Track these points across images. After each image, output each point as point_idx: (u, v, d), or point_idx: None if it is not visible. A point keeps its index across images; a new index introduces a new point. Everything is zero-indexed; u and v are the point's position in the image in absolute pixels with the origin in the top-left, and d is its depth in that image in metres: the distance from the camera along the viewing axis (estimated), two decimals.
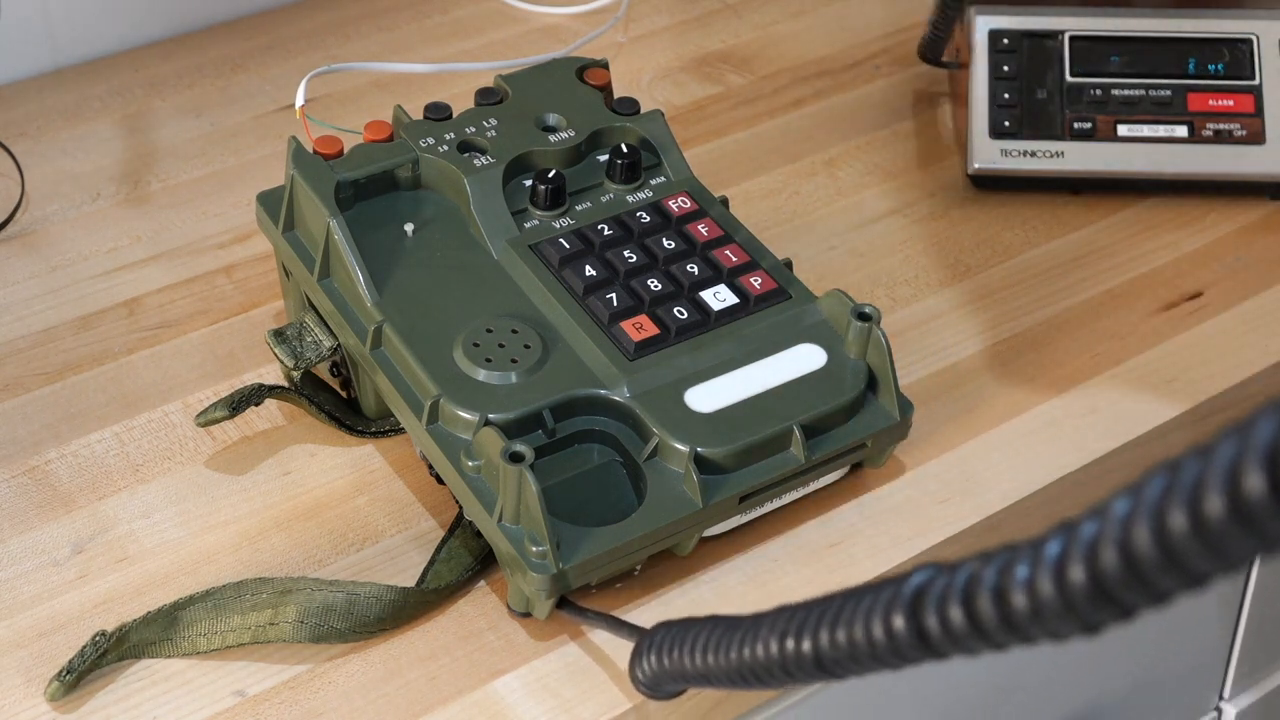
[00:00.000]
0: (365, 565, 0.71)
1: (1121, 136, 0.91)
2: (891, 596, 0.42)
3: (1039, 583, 0.36)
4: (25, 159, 0.95)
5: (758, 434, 0.68)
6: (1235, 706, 1.02)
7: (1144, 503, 0.34)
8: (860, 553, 0.72)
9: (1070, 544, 0.36)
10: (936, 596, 0.40)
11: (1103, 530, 0.35)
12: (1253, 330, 0.84)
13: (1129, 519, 0.34)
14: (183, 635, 0.67)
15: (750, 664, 0.49)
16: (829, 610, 0.45)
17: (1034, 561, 0.37)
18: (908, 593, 0.41)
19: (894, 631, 0.42)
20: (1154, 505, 0.33)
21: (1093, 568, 0.35)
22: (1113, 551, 0.34)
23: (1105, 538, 0.35)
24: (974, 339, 0.83)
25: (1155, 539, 0.33)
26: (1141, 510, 0.34)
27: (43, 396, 0.80)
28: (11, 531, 0.73)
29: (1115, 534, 0.34)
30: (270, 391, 0.76)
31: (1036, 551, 0.37)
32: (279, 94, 1.01)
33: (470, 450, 0.67)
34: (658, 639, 0.57)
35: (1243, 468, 0.31)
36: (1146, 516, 0.33)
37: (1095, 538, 0.35)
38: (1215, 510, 0.32)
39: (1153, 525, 0.33)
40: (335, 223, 0.73)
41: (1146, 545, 0.34)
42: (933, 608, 0.40)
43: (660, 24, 1.08)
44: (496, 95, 0.81)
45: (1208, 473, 0.32)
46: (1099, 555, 0.35)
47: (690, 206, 0.77)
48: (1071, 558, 0.35)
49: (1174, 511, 0.33)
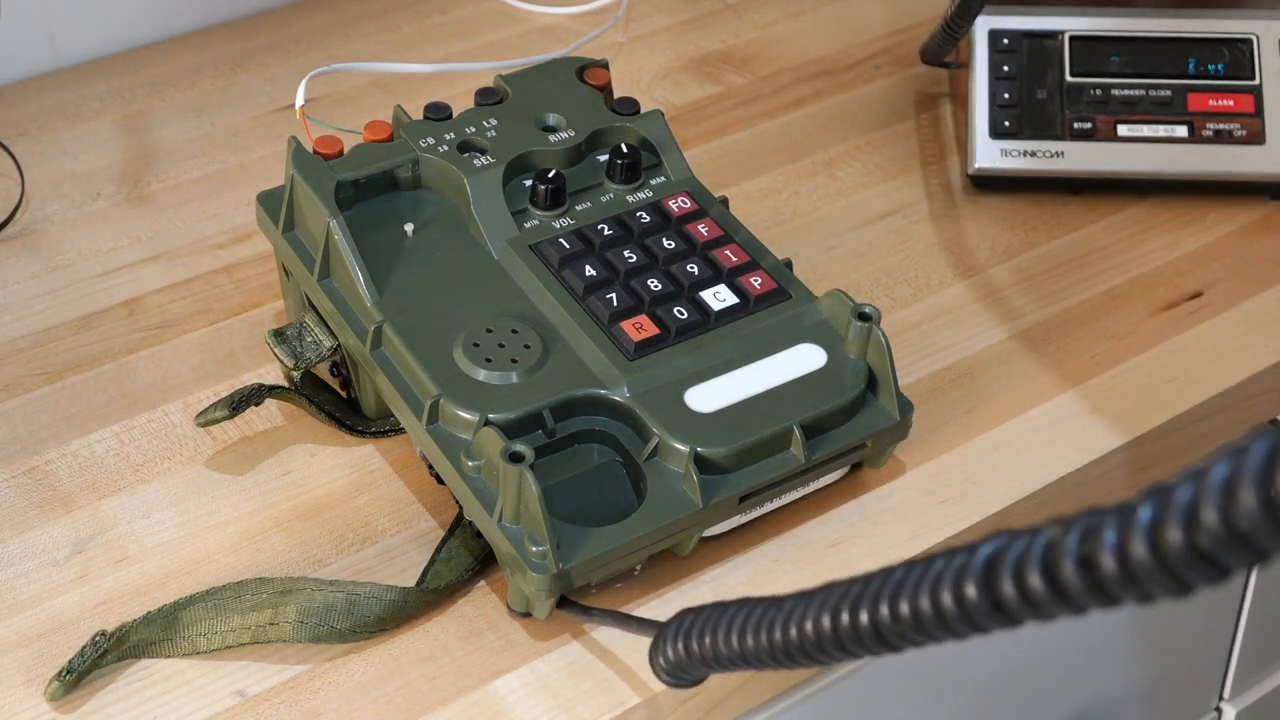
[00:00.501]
0: (365, 565, 0.71)
1: (1121, 136, 0.91)
2: (963, 564, 0.42)
3: (1131, 544, 0.36)
4: (25, 159, 0.95)
5: (758, 434, 0.68)
6: (1235, 706, 1.02)
7: (1250, 462, 0.34)
8: (860, 553, 0.72)
9: (1165, 507, 0.36)
10: (1013, 562, 0.40)
11: (1201, 493, 0.35)
12: (1253, 330, 0.84)
13: (1231, 480, 0.34)
14: (183, 635, 0.67)
15: (798, 641, 0.48)
16: (889, 582, 0.45)
17: (1122, 523, 0.37)
18: (980, 561, 0.41)
19: (965, 599, 0.42)
20: (1263, 463, 0.34)
21: (1192, 531, 0.35)
22: (1214, 514, 0.35)
23: (1205, 500, 0.35)
24: (974, 339, 0.83)
25: (1263, 500, 0.34)
26: (1246, 471, 0.34)
27: (43, 396, 0.80)
28: (11, 531, 0.73)
29: (1216, 496, 0.35)
30: (270, 391, 0.76)
31: (1126, 514, 0.37)
32: (279, 94, 1.01)
33: (470, 450, 0.67)
34: (685, 625, 0.56)
35: None
36: (1254, 476, 0.34)
37: (1193, 500, 0.35)
38: None
39: (1260, 485, 0.34)
40: (335, 223, 0.73)
41: (1253, 507, 0.34)
42: (1008, 574, 0.40)
43: (660, 24, 1.08)
44: (496, 95, 0.81)
45: None
46: (1200, 516, 0.35)
47: (690, 206, 0.77)
48: (1168, 518, 0.36)
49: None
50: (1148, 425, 0.78)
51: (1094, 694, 0.93)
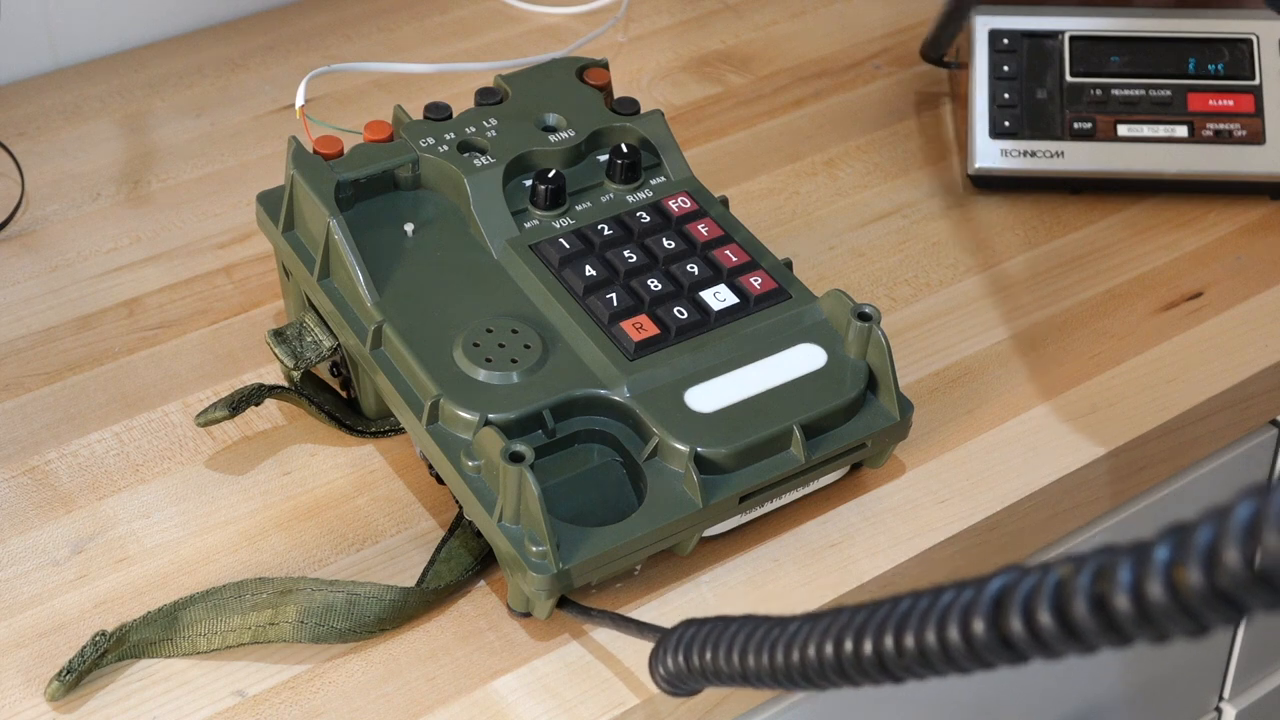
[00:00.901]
0: (365, 565, 0.71)
1: (1121, 136, 0.91)
2: (971, 599, 0.42)
3: (1147, 583, 0.36)
4: (25, 159, 0.95)
5: (758, 434, 0.68)
6: (1235, 706, 1.02)
7: (1273, 509, 0.34)
8: (860, 553, 0.72)
9: (1182, 547, 0.35)
10: (1022, 599, 0.40)
11: (1222, 532, 0.35)
12: (1253, 330, 0.84)
13: (1253, 522, 0.34)
14: (183, 635, 0.67)
15: (800, 666, 0.48)
16: (895, 613, 0.45)
17: (1138, 561, 0.36)
18: (989, 597, 0.41)
19: (972, 635, 0.41)
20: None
21: (1211, 571, 0.35)
22: (1236, 555, 0.34)
23: (1227, 539, 0.35)
24: (974, 339, 0.83)
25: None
26: (1272, 514, 0.34)
27: (43, 396, 0.80)
28: (11, 531, 0.73)
29: (1237, 537, 0.34)
30: (270, 391, 0.76)
31: (1143, 554, 0.37)
32: (279, 94, 1.01)
33: (470, 450, 0.67)
34: (687, 638, 0.56)
35: None
36: (1275, 523, 0.34)
37: (1213, 541, 0.35)
38: None
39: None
40: (335, 223, 0.73)
41: (1277, 549, 0.34)
42: (1017, 611, 0.40)
43: (660, 24, 1.08)
44: (496, 95, 0.81)
45: None
46: (1221, 556, 0.35)
47: (690, 206, 0.77)
48: (1188, 557, 0.35)
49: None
50: (1148, 425, 0.78)
51: (1094, 694, 0.93)
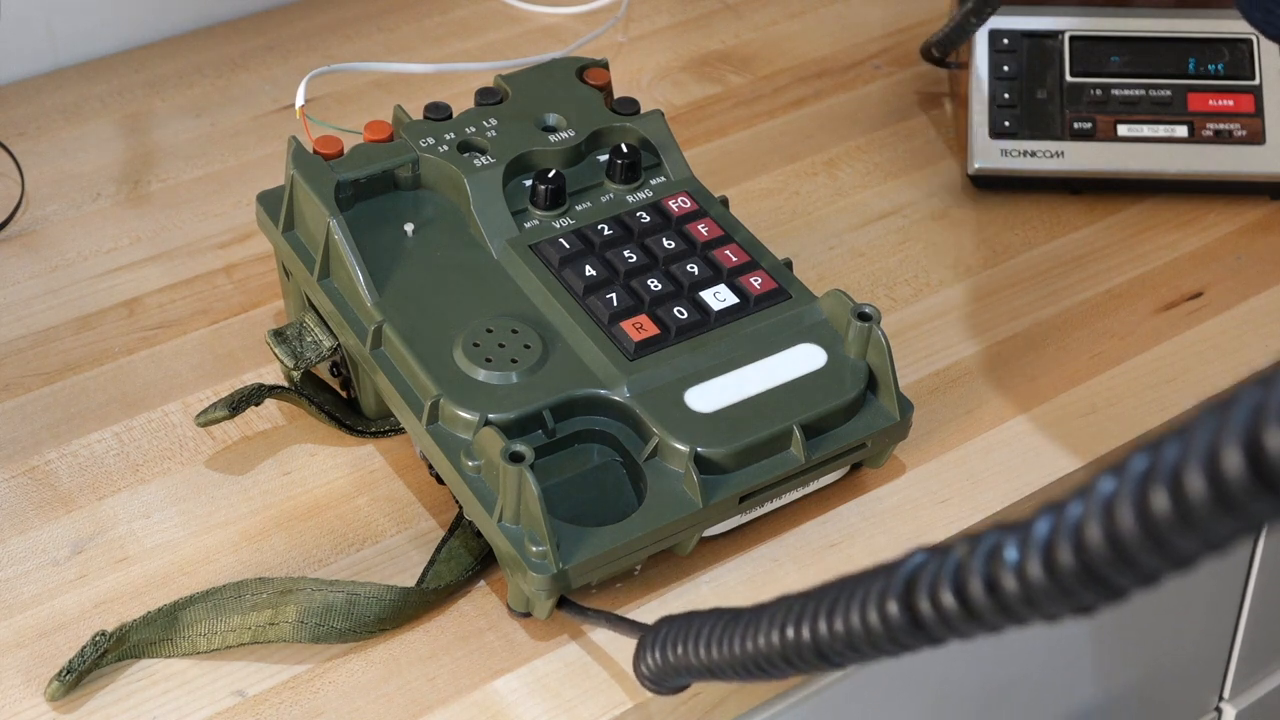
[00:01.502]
0: (365, 565, 0.71)
1: (1121, 136, 0.91)
2: (885, 583, 0.42)
3: (1028, 565, 0.36)
4: (25, 159, 0.95)
5: (758, 434, 0.68)
6: (1235, 706, 1.02)
7: (1127, 481, 0.34)
8: (860, 553, 0.72)
9: (1057, 525, 0.36)
10: (928, 581, 0.40)
11: (1087, 510, 0.35)
12: (1253, 330, 0.84)
13: (1113, 499, 0.34)
14: (183, 635, 0.67)
15: (754, 655, 0.49)
16: (825, 598, 0.45)
17: (1022, 543, 0.37)
18: (900, 580, 0.42)
19: (889, 618, 0.42)
20: (1136, 484, 0.33)
21: (1080, 549, 0.35)
22: (1098, 532, 0.34)
23: (1090, 518, 0.35)
24: (974, 339, 0.83)
25: (1139, 520, 0.33)
26: (1125, 490, 0.34)
27: (43, 396, 0.80)
28: (11, 531, 0.73)
29: (1099, 514, 0.34)
30: (270, 391, 0.76)
31: (1024, 532, 0.37)
32: (279, 94, 1.01)
33: (470, 450, 0.67)
34: (661, 634, 0.57)
35: (1221, 446, 0.31)
36: (1130, 496, 0.33)
37: (1080, 518, 0.35)
38: (1196, 490, 0.32)
39: (1136, 505, 0.33)
40: (335, 223, 0.73)
41: (1130, 526, 0.34)
42: (925, 593, 0.40)
43: (660, 24, 1.08)
44: (496, 95, 0.81)
45: (1188, 452, 0.32)
46: (1085, 536, 0.35)
47: (690, 206, 0.77)
48: (1059, 539, 0.35)
49: (1156, 492, 0.33)
50: (1147, 425, 0.78)
51: (1094, 693, 0.93)
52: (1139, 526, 0.33)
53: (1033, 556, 0.36)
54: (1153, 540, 0.33)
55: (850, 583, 0.44)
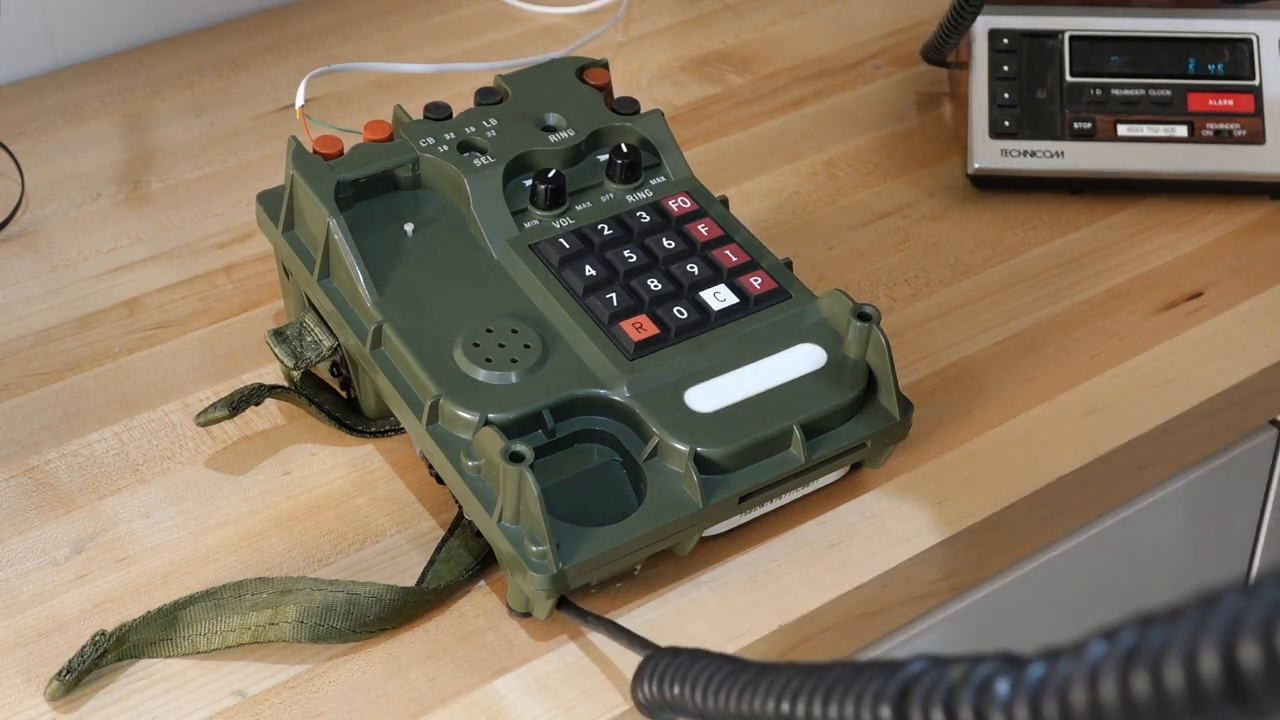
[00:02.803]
0: (365, 565, 0.71)
1: (1121, 136, 0.91)
2: (882, 685, 0.42)
3: (1015, 708, 0.37)
4: (25, 159, 0.95)
5: (758, 434, 0.68)
6: None
7: (1113, 653, 0.34)
8: (860, 553, 0.72)
9: (1049, 676, 0.36)
10: (922, 696, 0.41)
11: (1075, 672, 0.35)
12: (1253, 330, 0.84)
13: (1098, 668, 0.34)
14: (183, 635, 0.67)
15: (748, 716, 0.50)
16: (824, 682, 0.46)
17: (1015, 684, 0.37)
18: (896, 685, 0.42)
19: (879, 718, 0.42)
20: (1121, 660, 0.34)
21: (1063, 707, 0.35)
22: (1081, 696, 0.35)
23: (1076, 680, 0.35)
24: (974, 339, 0.83)
25: (1119, 694, 0.34)
26: (1110, 662, 0.34)
27: (43, 396, 0.80)
28: (11, 531, 0.73)
29: (1085, 679, 0.35)
30: (270, 391, 0.76)
31: (1019, 673, 0.37)
32: (279, 94, 1.01)
33: (470, 450, 0.67)
34: (663, 666, 0.57)
35: (1199, 646, 0.32)
36: (1113, 670, 0.34)
37: (1068, 677, 0.35)
38: (1175, 681, 0.32)
39: (1118, 680, 0.34)
40: (335, 222, 0.73)
41: (1111, 699, 0.34)
42: (918, 707, 0.41)
43: (660, 24, 1.08)
44: (496, 95, 0.81)
45: (1170, 642, 0.33)
46: (1069, 696, 0.35)
47: (690, 206, 0.77)
48: (1046, 692, 0.36)
49: (1138, 673, 0.33)
50: (1148, 425, 0.78)
51: None
52: (1118, 701, 0.34)
53: (1021, 701, 0.37)
54: (1129, 717, 0.34)
55: (851, 673, 0.45)
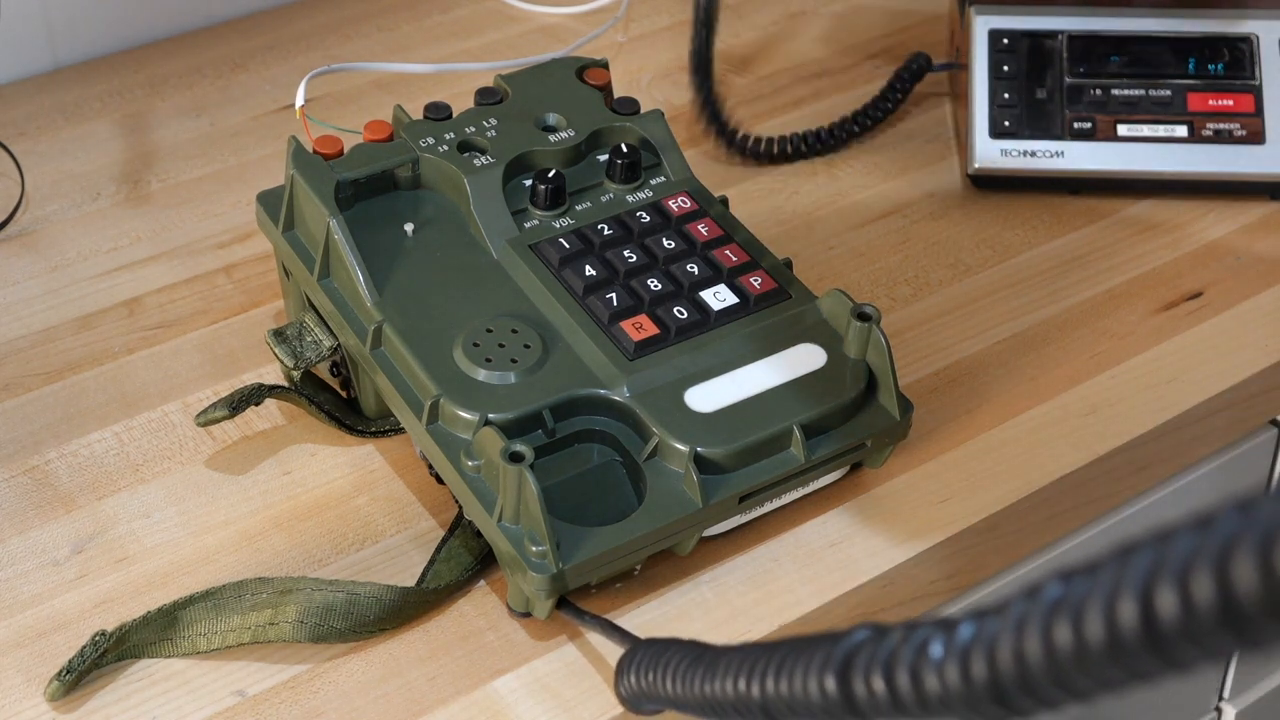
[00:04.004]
0: (365, 565, 0.71)
1: (1121, 136, 0.91)
2: (826, 655, 0.43)
3: (947, 667, 0.37)
4: (25, 159, 0.95)
5: (758, 434, 0.68)
6: (1235, 706, 1.02)
7: (1036, 607, 0.34)
8: (860, 553, 0.72)
9: (977, 634, 0.36)
10: (864, 663, 0.41)
11: (1001, 628, 0.35)
12: (1253, 330, 0.84)
13: (1022, 622, 0.35)
14: (183, 635, 0.67)
15: (710, 699, 0.50)
16: (776, 657, 0.46)
17: (946, 644, 0.37)
18: (840, 654, 0.42)
19: (826, 691, 0.42)
20: (1044, 613, 0.34)
21: (990, 663, 0.35)
22: (1007, 651, 0.35)
23: (1002, 635, 0.35)
24: (974, 339, 0.83)
25: (1042, 648, 0.34)
26: (1033, 616, 0.34)
27: (43, 396, 0.80)
28: (11, 531, 0.73)
29: (1010, 633, 0.35)
30: (270, 391, 0.76)
31: (950, 634, 0.37)
32: (279, 94, 1.01)
33: (470, 450, 0.67)
34: (638, 657, 0.57)
35: (1118, 596, 0.32)
36: (1037, 623, 0.34)
37: (995, 634, 0.35)
38: (1095, 632, 0.33)
39: (1041, 634, 0.34)
40: (335, 222, 0.73)
41: (1035, 653, 0.34)
42: (860, 674, 0.41)
43: (660, 24, 1.08)
44: (496, 95, 0.81)
45: (1093, 591, 0.33)
46: (996, 652, 0.35)
47: (690, 206, 0.77)
48: (975, 649, 0.36)
49: (1060, 625, 0.33)
50: (1148, 425, 0.78)
51: None
52: (1042, 654, 0.34)
53: (951, 660, 0.37)
54: (1053, 671, 0.34)
55: (798, 647, 0.45)
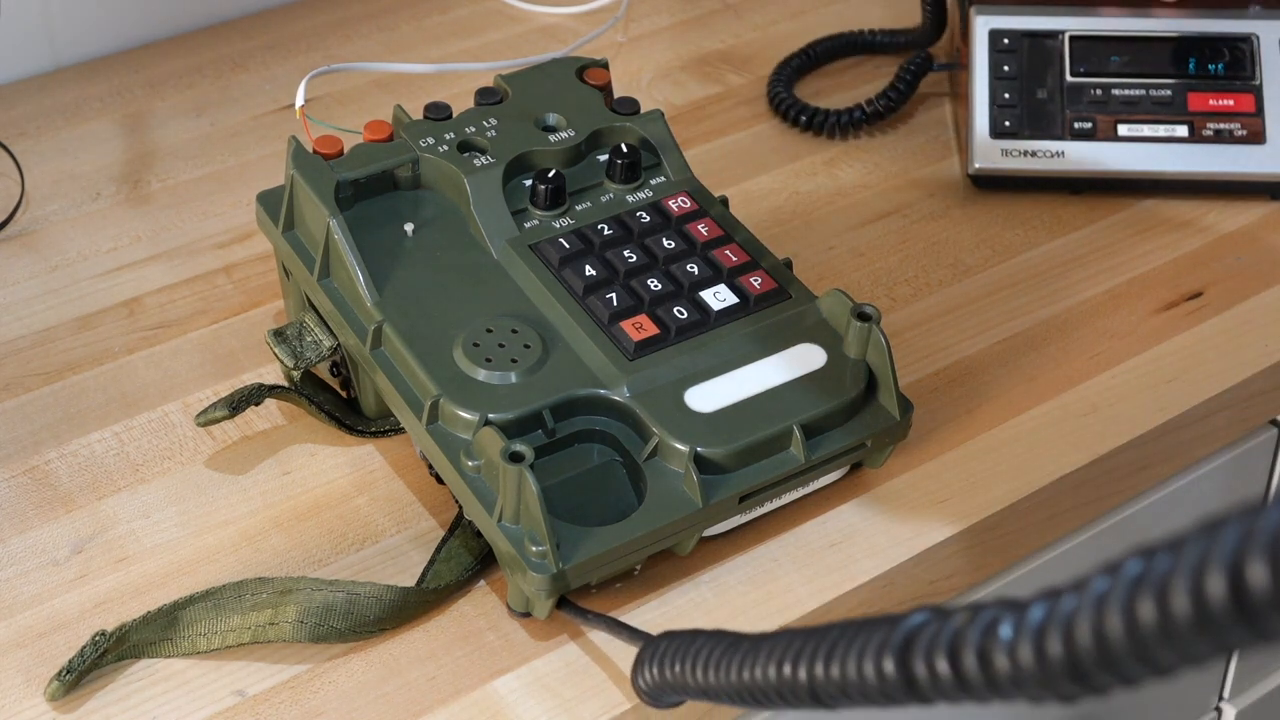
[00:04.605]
0: (365, 565, 0.71)
1: (1121, 136, 0.91)
2: (885, 638, 0.42)
3: (1020, 647, 0.37)
4: (25, 159, 0.95)
5: (758, 434, 0.68)
6: (1235, 706, 1.02)
7: (1119, 585, 0.34)
8: (860, 553, 0.72)
9: (1051, 613, 0.36)
10: (926, 644, 0.40)
11: (1080, 606, 0.35)
12: (1253, 330, 0.84)
13: (1103, 600, 0.34)
14: (183, 635, 0.67)
15: (749, 685, 0.49)
16: (826, 641, 0.45)
17: (1017, 624, 0.37)
18: (899, 637, 0.42)
19: (884, 674, 0.42)
20: (1126, 590, 0.34)
21: (1068, 641, 0.35)
22: (1086, 629, 0.35)
23: (1081, 614, 0.35)
24: (974, 339, 0.83)
25: (1125, 625, 0.34)
26: (1116, 593, 0.34)
27: (43, 396, 0.80)
28: (11, 531, 0.73)
29: (1090, 612, 0.35)
30: (270, 391, 0.76)
31: (1020, 614, 0.37)
32: (279, 94, 1.01)
33: (470, 450, 0.67)
34: (661, 649, 0.57)
35: (1206, 569, 0.32)
36: (1119, 601, 0.34)
37: (1073, 612, 0.35)
38: (1181, 607, 0.32)
39: (1124, 611, 0.34)
40: (335, 222, 0.73)
41: (1117, 630, 0.34)
42: (921, 656, 0.40)
43: (660, 24, 1.08)
44: (496, 95, 0.81)
45: (1176, 567, 0.33)
46: (1074, 631, 0.35)
47: (690, 206, 0.77)
48: (1051, 628, 0.36)
49: (1144, 601, 0.33)
50: (1148, 425, 0.78)
51: None
52: (1124, 632, 0.34)
53: (1025, 640, 0.37)
54: (1136, 647, 0.34)
55: (852, 630, 0.44)
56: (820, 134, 0.97)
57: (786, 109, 0.98)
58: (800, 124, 0.97)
